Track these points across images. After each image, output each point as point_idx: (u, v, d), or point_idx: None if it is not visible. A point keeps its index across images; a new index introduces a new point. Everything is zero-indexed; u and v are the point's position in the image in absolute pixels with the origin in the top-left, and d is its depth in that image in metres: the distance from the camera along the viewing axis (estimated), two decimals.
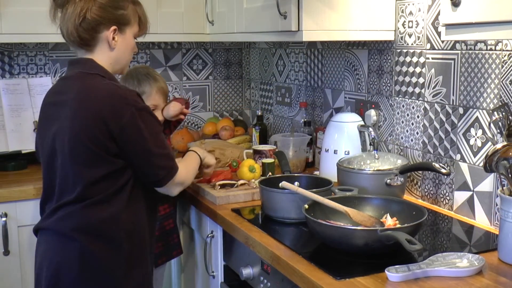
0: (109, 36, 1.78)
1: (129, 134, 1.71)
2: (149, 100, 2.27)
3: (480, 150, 1.94)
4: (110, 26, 1.77)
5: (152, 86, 2.30)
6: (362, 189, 2.03)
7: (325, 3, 2.12)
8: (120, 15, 1.79)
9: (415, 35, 2.17)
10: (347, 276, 1.49)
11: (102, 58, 1.81)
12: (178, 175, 1.84)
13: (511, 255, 1.58)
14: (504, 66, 1.83)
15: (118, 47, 1.82)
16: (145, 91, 2.29)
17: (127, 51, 1.86)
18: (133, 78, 2.31)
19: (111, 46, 1.80)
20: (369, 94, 2.46)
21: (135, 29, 1.86)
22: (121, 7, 1.79)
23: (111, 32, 1.78)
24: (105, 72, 1.79)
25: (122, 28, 1.81)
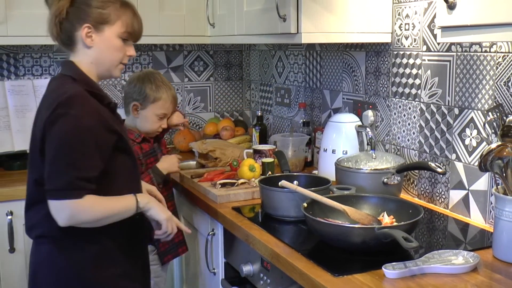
0: (83, 34, 1.70)
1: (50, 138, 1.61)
2: (163, 108, 2.28)
3: (475, 149, 1.94)
4: (83, 24, 1.70)
5: (168, 94, 2.29)
6: (359, 188, 2.03)
7: (323, 6, 2.12)
8: (97, 14, 1.71)
9: (411, 37, 2.17)
10: (345, 273, 1.49)
11: (82, 59, 1.74)
12: (70, 203, 1.59)
13: (506, 252, 1.58)
14: (498, 68, 1.83)
15: (97, 46, 1.73)
16: (162, 97, 2.27)
17: (108, 50, 1.75)
18: (151, 83, 2.28)
19: (87, 45, 1.72)
20: (366, 95, 2.46)
21: (118, 29, 1.75)
22: (98, 6, 1.71)
23: (84, 30, 1.70)
24: (79, 75, 1.72)
25: (99, 27, 1.72)
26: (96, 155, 1.64)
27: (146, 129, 2.29)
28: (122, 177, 1.75)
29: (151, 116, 2.27)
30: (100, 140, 1.64)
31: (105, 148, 1.66)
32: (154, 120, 2.28)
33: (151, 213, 1.79)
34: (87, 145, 1.62)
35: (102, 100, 1.72)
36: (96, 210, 1.65)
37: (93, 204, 1.63)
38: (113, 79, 3.20)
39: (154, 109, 2.27)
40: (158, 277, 2.31)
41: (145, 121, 2.28)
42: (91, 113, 1.64)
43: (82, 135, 1.61)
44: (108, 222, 1.68)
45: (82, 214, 1.62)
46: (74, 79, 1.70)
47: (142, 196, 1.77)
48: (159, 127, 2.31)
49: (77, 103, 1.63)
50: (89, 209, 1.63)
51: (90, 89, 1.70)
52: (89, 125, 1.62)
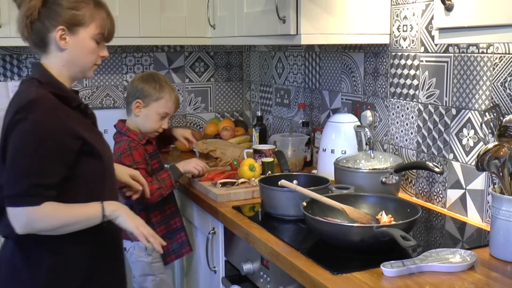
0: (57, 36, 1.64)
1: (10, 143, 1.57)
2: (165, 107, 2.28)
3: (472, 149, 1.94)
4: (57, 26, 1.63)
5: (171, 94, 2.29)
6: (358, 187, 2.03)
7: (322, 8, 2.12)
8: (71, 15, 1.64)
9: (409, 38, 2.17)
10: (344, 271, 1.49)
11: (54, 61, 1.68)
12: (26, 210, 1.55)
13: (502, 251, 1.58)
14: (495, 69, 1.83)
15: (70, 48, 1.67)
16: (165, 97, 2.27)
17: (82, 53, 1.69)
18: (155, 82, 2.28)
19: (61, 47, 1.65)
20: (365, 95, 2.46)
21: (92, 31, 1.68)
22: (72, 7, 1.64)
23: (58, 32, 1.63)
24: (46, 77, 1.66)
25: (73, 29, 1.65)
26: (57, 161, 1.58)
27: (147, 128, 2.29)
28: (89, 182, 1.68)
29: (153, 114, 2.27)
30: (61, 146, 1.59)
31: (68, 154, 1.60)
32: (155, 119, 2.28)
33: (119, 222, 1.69)
34: (46, 151, 1.56)
35: (71, 103, 1.67)
36: (54, 218, 1.59)
37: (51, 212, 1.57)
38: (115, 80, 3.20)
39: (156, 108, 2.27)
40: (163, 273, 2.31)
41: (147, 120, 2.28)
42: (53, 118, 1.58)
43: (41, 140, 1.56)
44: (70, 230, 1.62)
45: (38, 221, 1.57)
46: (41, 82, 1.64)
47: (110, 204, 1.68)
48: (159, 127, 2.30)
49: (38, 107, 1.57)
50: (47, 216, 1.57)
51: (57, 92, 1.64)
52: (49, 130, 1.57)
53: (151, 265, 2.27)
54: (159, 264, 2.28)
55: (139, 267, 2.29)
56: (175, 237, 2.33)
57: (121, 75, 3.22)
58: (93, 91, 3.16)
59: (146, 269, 2.28)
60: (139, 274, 2.30)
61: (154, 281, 2.28)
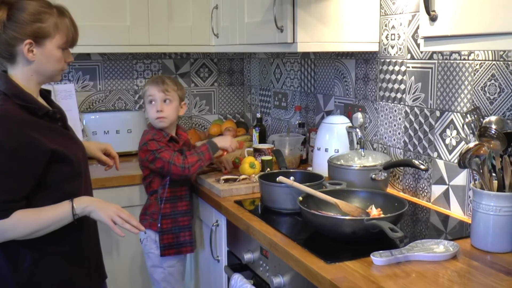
0: (24, 49, 1.57)
1: None
2: (148, 96, 2.24)
3: (454, 148, 1.94)
4: (24, 40, 1.56)
5: (152, 83, 2.25)
6: (350, 183, 2.03)
7: (317, 18, 2.12)
8: (36, 29, 1.56)
9: (397, 46, 2.17)
10: (337, 260, 1.50)
11: (22, 71, 1.61)
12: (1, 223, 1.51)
13: (482, 241, 1.58)
14: (476, 74, 1.83)
15: (38, 59, 1.60)
16: (146, 88, 2.25)
17: (49, 63, 1.62)
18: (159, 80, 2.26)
19: (29, 60, 1.59)
20: (356, 99, 2.46)
21: (58, 41, 1.61)
22: (37, 20, 1.56)
23: (26, 46, 1.57)
24: (11, 89, 1.58)
25: (40, 41, 1.58)
26: (24, 176, 1.53)
27: (150, 120, 2.25)
28: (62, 186, 1.63)
29: (147, 106, 2.24)
30: (27, 160, 1.53)
31: (35, 168, 1.55)
32: (148, 108, 2.23)
33: (93, 216, 1.63)
34: (12, 168, 1.51)
35: (37, 113, 1.59)
36: (25, 225, 1.54)
37: (21, 221, 1.53)
38: (126, 84, 3.20)
39: (146, 99, 2.24)
40: (171, 267, 2.29)
41: (147, 114, 2.25)
42: (16, 134, 1.52)
43: (5, 159, 1.51)
44: (44, 233, 1.57)
45: (9, 232, 1.53)
46: (6, 94, 1.56)
47: (80, 201, 1.61)
48: (154, 112, 2.21)
49: (2, 124, 1.51)
50: (17, 226, 1.52)
51: (23, 103, 1.57)
52: (13, 147, 1.50)
53: (161, 258, 2.25)
54: (168, 258, 2.26)
55: (150, 259, 2.28)
56: (179, 234, 2.27)
57: (132, 80, 3.22)
58: (106, 95, 3.16)
59: (155, 261, 2.27)
60: (150, 265, 2.29)
61: (163, 274, 2.27)
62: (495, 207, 1.54)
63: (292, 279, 1.63)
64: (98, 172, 2.34)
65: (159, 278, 2.28)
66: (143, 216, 2.28)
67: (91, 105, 3.13)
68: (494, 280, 1.37)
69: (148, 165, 2.19)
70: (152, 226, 2.23)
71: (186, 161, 2.13)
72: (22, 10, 1.56)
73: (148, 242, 2.26)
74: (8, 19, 1.55)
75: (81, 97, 3.08)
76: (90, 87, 3.12)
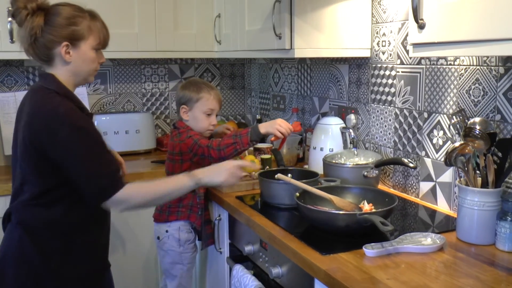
0: (62, 51, 1.59)
1: (64, 151, 1.53)
2: (207, 105, 2.16)
3: (441, 147, 1.94)
4: (62, 43, 1.58)
5: (210, 93, 2.18)
6: (343, 180, 2.03)
7: (313, 26, 2.12)
8: (72, 32, 1.58)
9: (387, 52, 2.17)
10: (331, 252, 1.50)
11: (61, 72, 1.63)
12: (120, 194, 1.56)
13: (467, 234, 1.58)
14: (461, 78, 1.83)
15: (74, 60, 1.62)
16: (204, 96, 2.15)
17: (85, 63, 1.64)
18: (193, 85, 2.19)
19: (66, 61, 1.60)
20: (349, 101, 2.46)
21: (92, 42, 1.63)
22: (72, 23, 1.58)
23: (63, 48, 1.59)
24: (61, 88, 1.60)
25: (75, 43, 1.60)
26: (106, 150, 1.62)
27: (199, 129, 2.17)
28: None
29: (199, 114, 2.16)
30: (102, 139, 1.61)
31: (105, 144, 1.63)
32: (202, 118, 2.16)
33: (207, 183, 1.75)
34: (103, 146, 1.60)
35: (83, 111, 1.63)
36: (145, 193, 1.64)
37: (140, 189, 1.62)
38: (135, 88, 3.20)
39: (199, 108, 2.15)
40: (190, 263, 2.25)
41: (196, 121, 2.17)
42: (88, 122, 1.60)
43: (95, 139, 1.58)
44: (163, 201, 1.76)
45: (130, 201, 1.60)
46: (58, 93, 1.58)
47: (194, 174, 1.71)
48: (209, 124, 2.18)
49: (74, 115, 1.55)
50: (136, 194, 1.61)
51: (73, 102, 1.61)
52: (93, 129, 1.59)
53: (181, 255, 2.20)
54: (188, 254, 2.21)
55: (170, 255, 2.21)
56: (206, 227, 2.22)
57: (140, 84, 3.22)
58: (116, 98, 3.16)
59: (176, 258, 2.20)
60: (169, 262, 2.22)
61: (182, 270, 2.21)
62: (479, 202, 1.54)
63: (290, 269, 1.63)
64: None
65: (177, 273, 2.22)
66: (177, 209, 2.18)
67: (102, 107, 3.13)
68: (478, 271, 1.37)
69: (190, 157, 2.10)
70: (190, 218, 2.18)
71: (222, 143, 2.03)
72: (58, 14, 1.58)
73: (170, 240, 2.18)
74: (45, 24, 1.57)
75: (92, 99, 3.08)
76: (101, 90, 3.12)
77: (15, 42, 2.48)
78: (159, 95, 3.26)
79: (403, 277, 1.33)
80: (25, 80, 2.92)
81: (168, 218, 2.18)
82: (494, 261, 1.44)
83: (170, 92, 3.29)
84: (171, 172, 2.15)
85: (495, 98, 1.71)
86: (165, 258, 2.24)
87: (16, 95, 2.69)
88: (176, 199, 2.14)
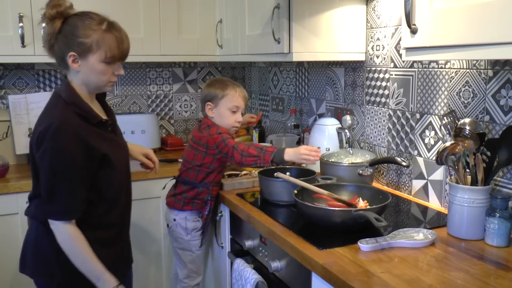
0: (69, 61, 1.55)
1: (40, 163, 1.53)
2: (233, 102, 2.10)
3: (433, 147, 1.94)
4: (69, 52, 1.54)
5: (236, 90, 2.13)
6: (340, 178, 2.03)
7: (311, 31, 2.12)
8: (79, 43, 1.53)
9: (381, 56, 2.17)
10: (328, 246, 1.50)
11: (75, 79, 1.60)
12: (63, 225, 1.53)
13: (457, 230, 1.58)
14: (452, 81, 1.83)
15: (83, 71, 1.57)
16: (229, 93, 2.10)
17: (93, 75, 1.58)
18: (219, 83, 2.15)
19: (75, 70, 1.57)
20: (345, 103, 2.46)
21: (100, 55, 1.55)
22: (82, 35, 1.53)
23: (70, 58, 1.55)
24: (70, 96, 1.57)
25: (83, 55, 1.55)
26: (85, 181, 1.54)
27: (224, 125, 2.11)
28: (102, 190, 1.61)
29: (224, 111, 2.11)
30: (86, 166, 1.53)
31: (91, 171, 1.56)
32: (228, 115, 2.11)
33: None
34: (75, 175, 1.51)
35: (90, 121, 1.57)
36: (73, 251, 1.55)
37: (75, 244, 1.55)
38: (140, 90, 3.20)
39: (225, 104, 2.10)
40: (198, 250, 2.22)
41: (221, 118, 2.11)
42: (76, 143, 1.51)
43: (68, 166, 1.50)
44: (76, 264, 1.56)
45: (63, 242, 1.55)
46: (66, 102, 1.56)
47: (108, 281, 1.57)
48: (234, 121, 2.13)
49: (62, 134, 1.49)
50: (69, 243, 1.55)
51: (79, 111, 1.55)
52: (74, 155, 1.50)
53: (189, 243, 2.18)
54: (196, 242, 2.19)
55: (179, 243, 2.20)
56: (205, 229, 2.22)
57: (145, 86, 3.22)
58: (122, 99, 3.16)
59: (185, 245, 2.20)
60: (179, 248, 2.22)
61: (191, 256, 2.21)
62: (469, 199, 1.54)
63: (288, 263, 1.64)
64: None
65: (187, 260, 2.22)
66: (192, 200, 2.15)
67: None
68: (468, 264, 1.37)
69: (215, 152, 2.06)
70: (203, 210, 2.16)
71: (246, 150, 1.95)
72: (71, 24, 1.55)
73: (178, 228, 2.17)
74: (59, 32, 1.55)
75: None
76: (108, 92, 3.12)
77: (26, 46, 2.49)
78: (164, 97, 3.26)
79: (396, 270, 1.33)
80: (36, 83, 2.92)
81: (183, 208, 2.14)
82: (483, 255, 1.44)
83: (174, 94, 3.29)
84: (191, 161, 2.12)
85: (484, 100, 1.71)
86: (174, 244, 2.24)
87: (27, 97, 2.69)
88: (193, 192, 2.13)
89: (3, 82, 2.85)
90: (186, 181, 2.15)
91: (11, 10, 2.47)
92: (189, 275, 2.24)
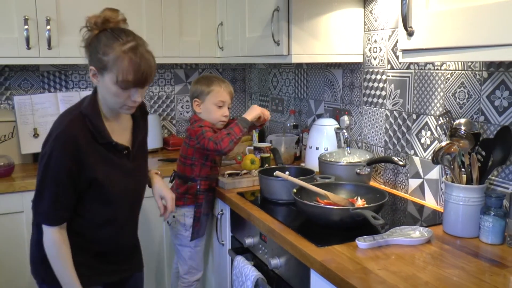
0: (90, 74, 1.51)
1: (38, 166, 1.52)
2: (218, 97, 2.13)
3: (429, 147, 1.94)
4: (90, 65, 1.50)
5: (221, 86, 2.15)
6: (338, 177, 2.03)
7: (309, 34, 2.12)
8: (98, 59, 1.46)
9: (379, 58, 2.17)
10: (326, 244, 1.50)
11: (99, 91, 1.56)
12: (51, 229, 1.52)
13: (453, 228, 1.58)
14: (447, 82, 1.83)
15: (100, 86, 1.51)
16: (214, 89, 2.13)
17: (107, 94, 1.50)
18: (205, 79, 2.17)
19: (95, 84, 1.53)
20: (343, 103, 2.46)
21: (113, 77, 1.45)
22: (101, 52, 1.45)
23: (91, 71, 1.50)
24: (88, 107, 1.53)
25: (101, 71, 1.47)
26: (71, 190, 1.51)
27: (211, 120, 2.14)
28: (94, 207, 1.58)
29: (211, 106, 2.13)
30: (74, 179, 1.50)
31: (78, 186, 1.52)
32: (214, 110, 2.13)
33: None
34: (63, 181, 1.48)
35: (96, 139, 1.52)
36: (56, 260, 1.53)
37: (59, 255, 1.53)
38: None
39: (211, 100, 2.12)
40: (197, 246, 2.24)
41: (208, 113, 2.14)
42: (70, 155, 1.47)
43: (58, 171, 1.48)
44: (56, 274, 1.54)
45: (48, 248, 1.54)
46: (82, 113, 1.52)
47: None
48: (221, 115, 2.14)
49: (60, 143, 1.47)
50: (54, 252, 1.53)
51: (90, 126, 1.51)
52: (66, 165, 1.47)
53: (188, 239, 2.20)
54: (195, 239, 2.21)
55: (179, 239, 2.22)
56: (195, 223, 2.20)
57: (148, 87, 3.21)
58: None
59: (184, 242, 2.21)
60: (179, 244, 2.23)
61: (190, 252, 2.22)
62: (464, 198, 1.55)
63: (287, 260, 1.64)
64: None
65: (186, 256, 2.23)
66: (183, 195, 2.16)
67: None
68: (463, 262, 1.37)
69: (194, 143, 2.08)
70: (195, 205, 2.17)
71: (218, 137, 2.01)
72: (98, 38, 1.48)
73: (177, 224, 2.19)
74: (89, 45, 1.51)
75: None
76: None
77: (31, 48, 2.49)
78: (166, 98, 3.26)
79: (393, 267, 1.33)
80: (40, 84, 2.92)
81: (177, 203, 2.14)
82: (478, 252, 1.44)
83: (176, 95, 3.29)
84: (184, 155, 2.17)
85: (479, 100, 1.71)
86: (174, 241, 2.25)
87: (32, 98, 2.69)
88: (184, 187, 2.16)
89: (8, 84, 2.86)
90: (179, 176, 2.20)
91: (16, 13, 2.47)
92: (189, 271, 2.24)
